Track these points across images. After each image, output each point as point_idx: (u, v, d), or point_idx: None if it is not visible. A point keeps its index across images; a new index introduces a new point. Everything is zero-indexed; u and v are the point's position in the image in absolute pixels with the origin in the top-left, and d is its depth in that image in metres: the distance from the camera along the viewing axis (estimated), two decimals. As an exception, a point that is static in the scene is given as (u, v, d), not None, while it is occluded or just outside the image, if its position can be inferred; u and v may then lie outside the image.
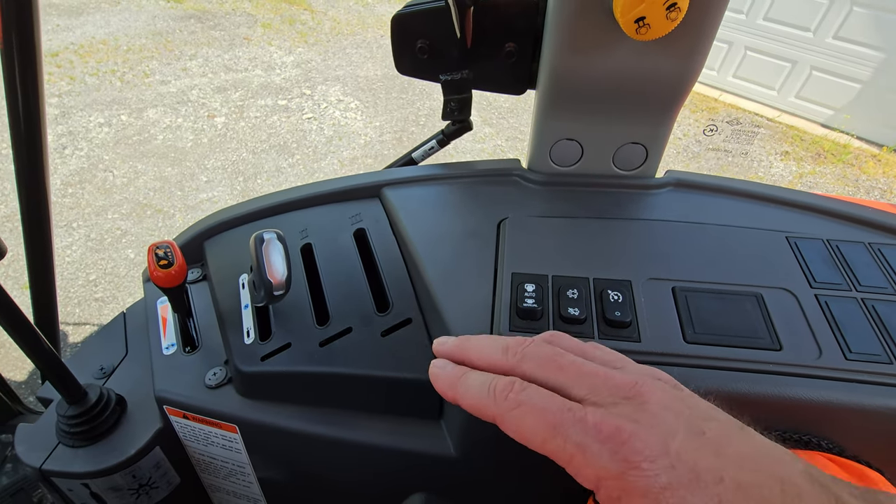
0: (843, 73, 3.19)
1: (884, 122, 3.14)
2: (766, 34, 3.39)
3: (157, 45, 3.98)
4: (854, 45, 3.10)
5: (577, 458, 0.24)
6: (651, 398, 0.25)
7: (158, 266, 0.46)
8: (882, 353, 0.37)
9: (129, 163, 2.80)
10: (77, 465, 0.49)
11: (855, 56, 3.11)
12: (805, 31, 3.24)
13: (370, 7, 4.93)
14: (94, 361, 0.58)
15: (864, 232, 0.49)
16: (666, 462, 0.23)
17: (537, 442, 0.26)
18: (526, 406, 0.26)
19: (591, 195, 0.54)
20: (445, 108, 0.57)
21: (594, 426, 0.24)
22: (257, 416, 0.48)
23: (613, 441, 0.23)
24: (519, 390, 0.27)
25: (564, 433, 0.25)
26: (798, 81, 3.38)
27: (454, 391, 0.30)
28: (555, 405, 0.26)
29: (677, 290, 0.41)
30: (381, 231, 0.55)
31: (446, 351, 0.33)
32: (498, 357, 0.30)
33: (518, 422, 0.26)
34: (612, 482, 0.23)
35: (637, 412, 0.25)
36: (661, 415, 0.24)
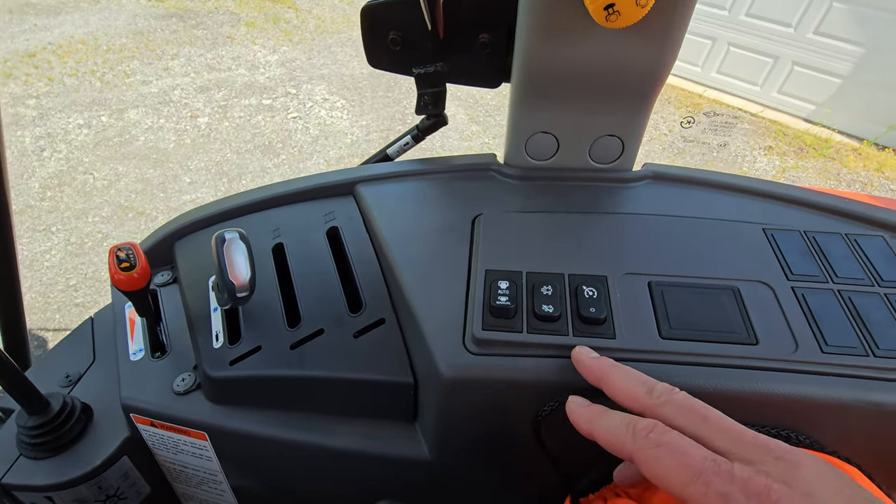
0: (825, 68, 3.22)
1: (864, 116, 3.19)
2: (748, 30, 3.42)
3: (138, 44, 3.91)
4: (834, 40, 3.13)
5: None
6: (804, 465, 0.24)
7: (119, 269, 0.44)
8: (858, 345, 0.36)
9: (110, 165, 2.74)
10: (39, 477, 0.47)
11: (835, 51, 3.15)
12: (787, 26, 3.27)
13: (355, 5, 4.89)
14: (60, 369, 0.55)
15: (841, 223, 0.49)
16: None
17: (676, 486, 0.25)
18: (667, 448, 0.26)
19: (568, 189, 0.53)
20: (419, 103, 0.56)
21: (741, 480, 0.23)
22: (227, 423, 0.47)
23: (761, 499, 0.23)
24: (661, 432, 0.27)
25: (707, 481, 0.24)
26: (780, 77, 3.41)
27: (591, 426, 0.30)
28: (698, 452, 0.25)
29: (653, 285, 0.41)
30: (355, 229, 0.53)
31: (587, 366, 0.34)
32: (640, 393, 0.30)
33: (657, 462, 0.26)
34: None
35: (788, 475, 0.24)
36: (815, 485, 0.23)
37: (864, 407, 0.35)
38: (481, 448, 0.43)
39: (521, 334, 0.37)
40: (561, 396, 0.36)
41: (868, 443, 0.36)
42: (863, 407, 0.35)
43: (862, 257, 0.43)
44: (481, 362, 0.37)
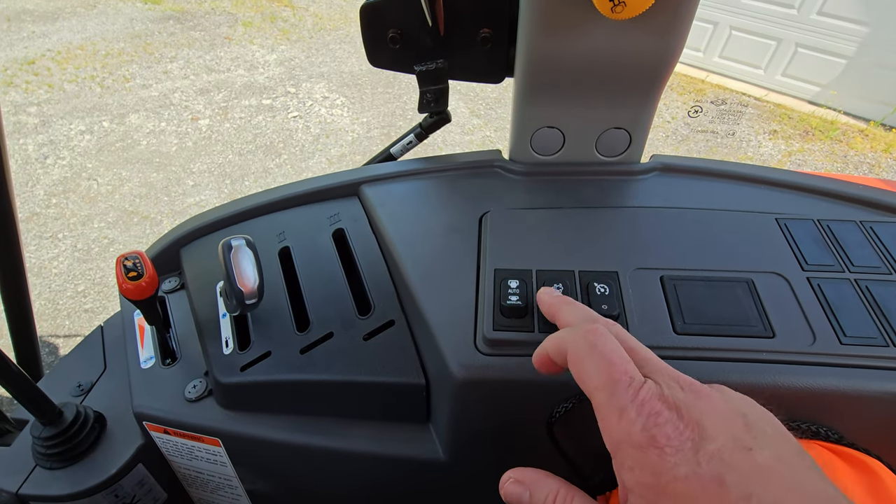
0: (829, 49, 3.17)
1: (870, 96, 3.14)
2: (750, 12, 3.37)
3: (136, 48, 3.91)
4: (838, 20, 3.08)
5: (612, 419, 0.25)
6: (707, 397, 0.25)
7: (127, 278, 0.44)
8: (878, 335, 0.36)
9: (114, 170, 2.75)
10: (56, 487, 0.47)
11: (839, 31, 3.10)
12: (789, 7, 3.22)
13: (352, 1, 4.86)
14: (71, 378, 0.56)
15: (856, 210, 0.48)
16: (691, 457, 0.22)
17: (589, 386, 0.27)
18: (597, 351, 0.27)
19: (575, 184, 0.52)
20: (422, 101, 0.55)
21: (641, 399, 0.25)
22: (240, 429, 0.47)
23: (650, 418, 0.24)
24: (600, 335, 0.28)
25: (614, 390, 0.25)
26: (784, 59, 3.37)
27: (554, 310, 0.33)
28: (622, 364, 0.26)
29: (665, 280, 0.40)
30: (361, 231, 0.53)
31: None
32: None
33: (583, 360, 0.27)
34: (630, 451, 0.24)
35: (685, 403, 0.25)
36: (709, 414, 0.24)
37: (884, 398, 0.34)
38: (495, 448, 0.42)
39: (532, 334, 0.37)
40: (575, 396, 0.36)
41: (889, 434, 0.36)
42: (883, 398, 0.34)
43: (878, 245, 0.42)
44: (493, 363, 0.37)
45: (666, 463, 0.22)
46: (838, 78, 3.21)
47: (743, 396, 0.26)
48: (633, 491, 0.23)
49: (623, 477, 0.24)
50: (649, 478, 0.23)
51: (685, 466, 0.22)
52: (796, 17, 3.21)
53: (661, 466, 0.22)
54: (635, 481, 0.23)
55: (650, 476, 0.23)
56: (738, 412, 0.25)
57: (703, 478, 0.22)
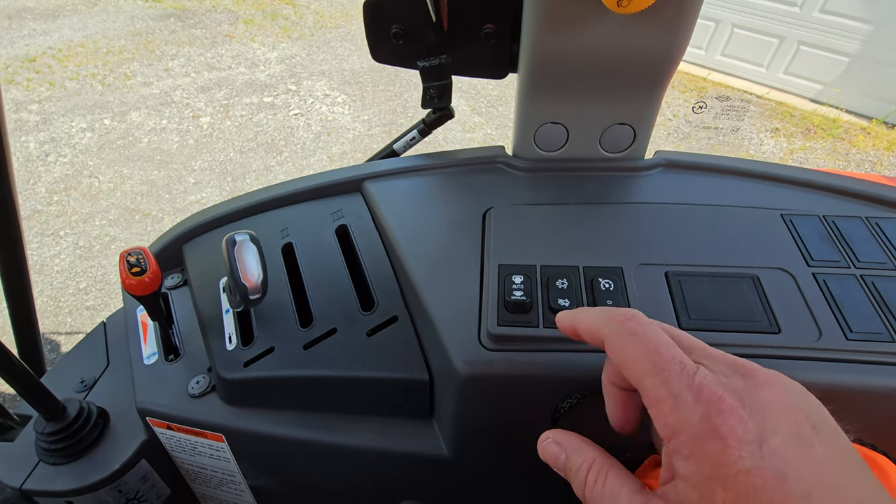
0: (831, 47, 3.16)
1: (872, 94, 3.13)
2: (753, 10, 3.36)
3: (137, 46, 3.91)
4: (841, 17, 3.07)
5: (666, 405, 0.24)
6: (768, 386, 0.24)
7: (131, 274, 0.44)
8: (884, 331, 0.35)
9: (115, 167, 2.75)
10: (59, 482, 0.47)
11: (842, 29, 3.08)
12: (791, 5, 3.21)
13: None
14: (75, 374, 0.56)
15: (861, 206, 0.48)
16: (755, 451, 0.21)
17: (634, 374, 0.25)
18: (640, 338, 0.26)
19: (579, 180, 0.52)
20: (425, 97, 0.55)
21: (698, 385, 0.23)
22: (243, 424, 0.47)
23: (710, 406, 0.23)
24: (639, 322, 0.26)
25: (666, 377, 0.24)
26: (786, 57, 3.35)
27: (573, 322, 0.30)
28: (668, 351, 0.25)
29: (670, 275, 0.40)
30: (364, 227, 0.53)
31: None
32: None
33: (624, 349, 0.26)
34: (688, 440, 0.23)
35: (747, 392, 0.23)
36: (770, 406, 0.23)
37: (890, 393, 0.34)
38: (500, 443, 0.42)
39: (537, 329, 0.37)
40: (580, 391, 0.36)
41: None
42: (890, 393, 0.34)
43: (884, 240, 0.42)
44: (497, 358, 0.37)
45: (729, 456, 0.21)
46: (841, 76, 3.20)
47: (799, 386, 0.25)
48: (688, 480, 0.22)
49: (676, 464, 0.23)
50: (708, 469, 0.22)
51: (748, 460, 0.21)
52: (799, 14, 3.20)
53: (724, 459, 0.22)
54: (691, 471, 0.22)
55: (709, 467, 0.22)
56: (798, 404, 0.24)
57: (765, 473, 0.21)
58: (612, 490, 0.25)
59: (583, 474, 0.27)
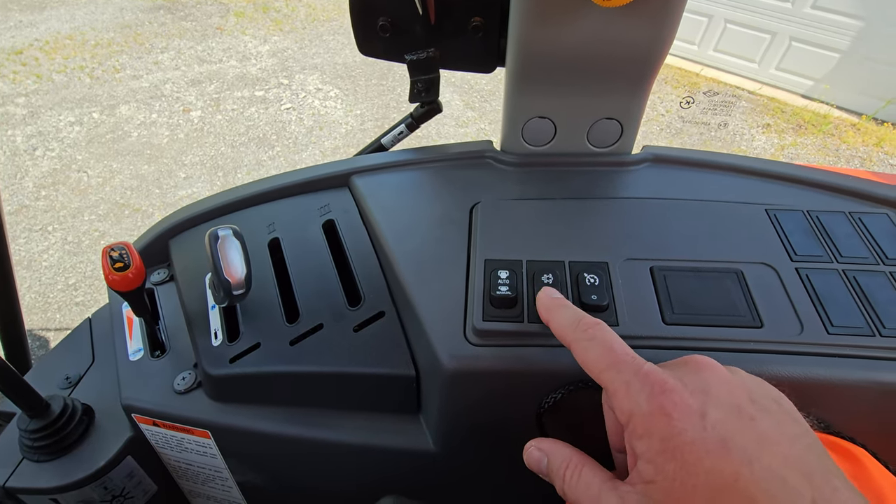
0: (822, 43, 3.18)
1: (862, 90, 3.15)
2: (745, 6, 3.36)
3: (126, 38, 3.85)
4: (832, 14, 3.08)
5: (620, 393, 0.26)
6: (707, 370, 0.27)
7: (114, 269, 0.44)
8: (864, 325, 0.36)
9: (104, 162, 2.72)
10: (43, 480, 0.47)
11: (833, 25, 3.10)
12: (784, 1, 3.22)
13: (345, -8, 4.80)
14: (59, 371, 0.55)
15: (845, 201, 0.48)
16: (698, 422, 0.24)
17: (595, 371, 0.29)
18: (598, 341, 0.29)
19: (566, 175, 0.52)
20: (412, 90, 0.55)
21: (644, 373, 0.26)
22: (229, 420, 0.46)
23: (655, 387, 0.25)
24: (600, 329, 0.30)
25: (619, 368, 0.27)
26: (778, 53, 3.37)
27: (548, 314, 0.34)
28: (622, 349, 0.28)
29: (655, 270, 0.40)
30: (351, 221, 0.53)
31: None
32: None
33: (586, 351, 0.29)
34: (640, 420, 0.25)
35: (688, 375, 0.26)
36: (710, 385, 0.26)
37: (870, 387, 0.34)
38: (486, 438, 0.42)
39: (522, 324, 0.37)
40: (564, 387, 0.36)
41: (875, 423, 0.36)
42: (870, 387, 0.34)
43: (866, 236, 0.42)
44: (483, 353, 0.37)
45: (673, 428, 0.24)
46: (831, 72, 3.22)
47: (754, 377, 0.28)
48: (643, 457, 0.24)
49: (633, 445, 0.25)
50: (657, 443, 0.24)
51: (692, 431, 0.23)
52: (791, 10, 3.21)
53: (669, 431, 0.24)
54: (644, 447, 0.24)
55: (658, 441, 0.24)
56: (742, 385, 0.26)
57: (707, 441, 0.23)
58: (586, 481, 0.27)
59: (561, 472, 0.29)
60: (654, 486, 0.24)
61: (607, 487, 0.26)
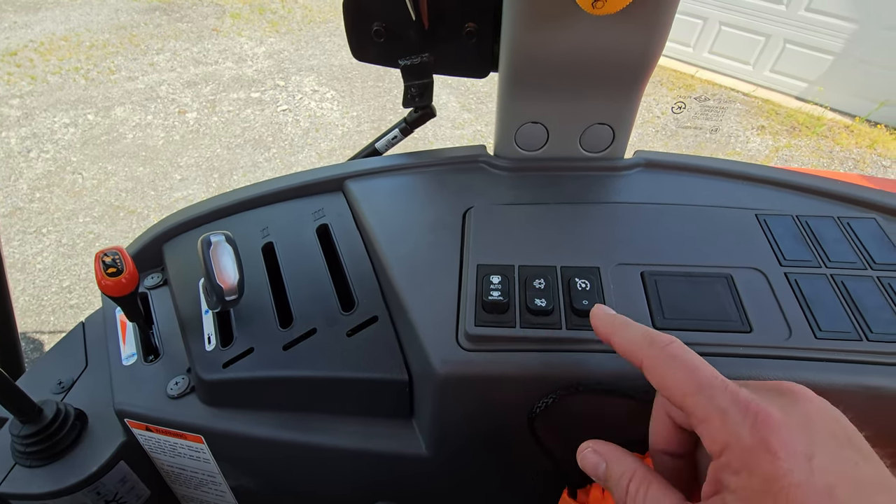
0: (816, 46, 3.20)
1: (856, 92, 3.17)
2: (740, 8, 3.38)
3: (122, 39, 3.84)
4: (826, 16, 3.10)
5: (714, 421, 0.24)
6: (807, 402, 0.25)
7: (106, 274, 0.44)
8: (852, 329, 0.36)
9: (99, 164, 2.71)
10: (36, 485, 0.47)
11: (827, 28, 3.12)
12: (778, 3, 3.24)
13: (342, -7, 4.80)
14: (52, 376, 0.55)
15: (834, 206, 0.48)
16: (804, 465, 0.22)
17: (678, 395, 0.26)
18: (680, 361, 0.26)
19: (559, 179, 0.52)
20: (406, 95, 0.55)
21: (744, 400, 0.24)
22: (223, 425, 0.46)
23: (758, 420, 0.23)
24: (678, 346, 0.27)
25: (711, 394, 0.25)
26: (772, 55, 3.39)
27: (610, 333, 0.31)
28: (709, 370, 0.26)
29: (646, 275, 0.40)
30: (345, 226, 0.53)
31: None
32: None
33: (665, 371, 0.27)
34: (739, 453, 0.23)
35: (789, 406, 0.24)
36: (814, 422, 0.24)
37: (858, 391, 0.35)
38: (478, 443, 0.43)
39: (514, 329, 0.37)
40: (556, 392, 0.36)
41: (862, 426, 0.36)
42: (857, 391, 0.35)
43: (854, 240, 0.43)
44: (475, 358, 0.37)
45: (779, 469, 0.22)
46: (825, 74, 3.24)
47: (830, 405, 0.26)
48: (737, 493, 0.23)
49: (725, 478, 0.23)
50: (758, 482, 0.22)
51: (798, 474, 0.22)
52: (785, 13, 3.23)
53: (775, 472, 0.22)
54: (742, 484, 0.23)
55: (760, 480, 0.22)
56: (837, 421, 0.25)
57: (815, 487, 0.21)
58: (655, 499, 0.26)
59: (624, 483, 0.27)
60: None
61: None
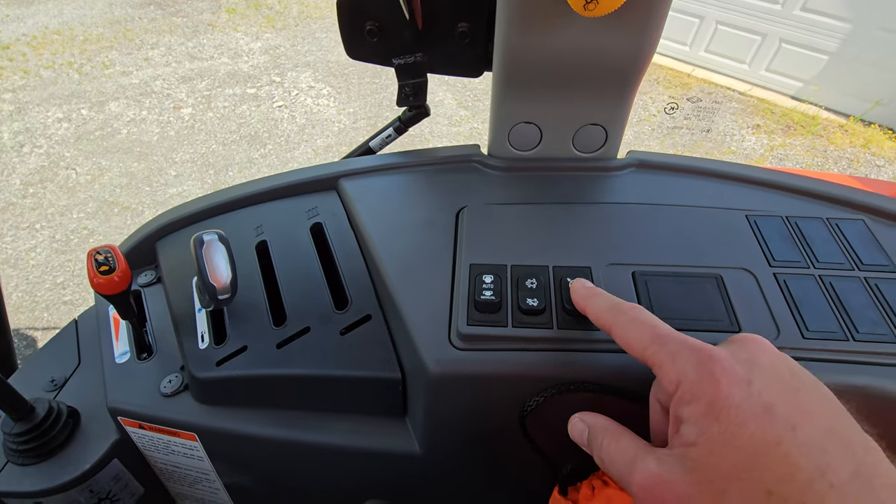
0: (812, 45, 3.21)
1: (851, 92, 3.19)
2: (736, 7, 3.39)
3: (116, 34, 3.82)
4: (821, 16, 3.12)
5: (667, 364, 0.27)
6: (752, 343, 0.28)
7: (99, 272, 0.43)
8: (839, 330, 0.37)
9: (93, 159, 2.69)
10: (28, 483, 0.47)
11: (823, 27, 3.13)
12: (774, 3, 3.25)
13: (338, -11, 4.78)
14: (45, 373, 0.55)
15: (823, 206, 0.49)
16: (745, 388, 0.25)
17: (637, 347, 0.29)
18: (639, 321, 0.30)
19: (552, 180, 0.52)
20: (400, 94, 0.55)
21: (691, 343, 0.27)
22: (216, 423, 0.47)
23: (702, 356, 0.26)
24: (641, 311, 0.31)
25: (662, 342, 0.28)
26: (768, 54, 3.40)
27: (584, 302, 0.35)
28: (664, 327, 0.29)
29: (637, 275, 0.41)
30: (339, 225, 0.53)
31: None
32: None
33: (626, 331, 0.30)
34: (689, 387, 0.26)
35: (736, 348, 0.27)
36: (756, 356, 0.27)
37: (844, 391, 0.35)
38: (471, 441, 0.43)
39: (506, 328, 0.37)
40: (547, 390, 0.36)
41: None
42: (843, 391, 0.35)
43: (843, 241, 0.43)
44: (467, 357, 0.38)
45: (720, 392, 0.24)
46: (820, 73, 3.25)
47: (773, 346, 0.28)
48: (687, 420, 0.25)
49: (679, 412, 0.26)
50: (704, 407, 0.25)
51: (739, 396, 0.24)
52: (781, 12, 3.24)
53: (716, 395, 0.24)
54: (690, 412, 0.25)
55: (705, 405, 0.25)
56: (785, 360, 0.27)
57: (753, 406, 0.24)
58: (623, 447, 0.28)
59: (598, 440, 0.30)
60: (695, 448, 0.24)
61: (645, 451, 0.27)
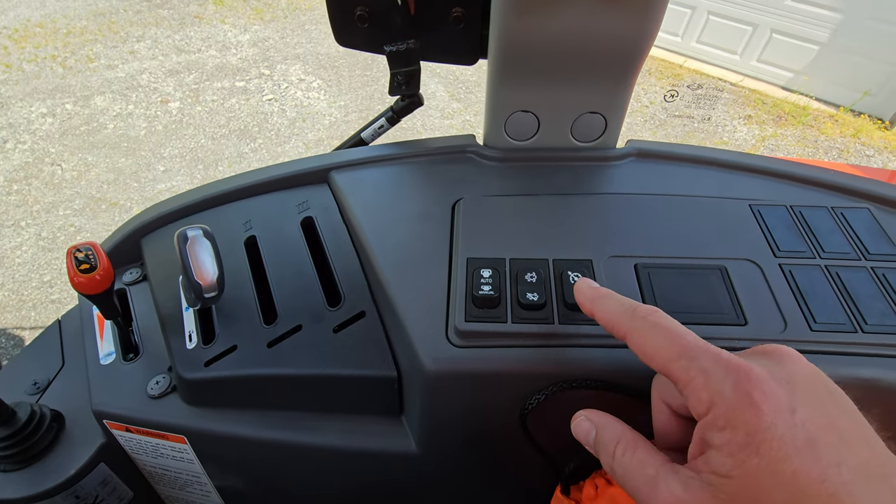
0: (802, 35, 3.22)
1: (841, 82, 3.20)
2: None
3: (100, 26, 3.73)
4: (812, 6, 3.12)
5: (697, 381, 0.24)
6: (789, 360, 0.25)
7: (79, 271, 0.42)
8: (847, 321, 0.36)
9: (79, 155, 2.64)
10: (10, 490, 0.45)
11: (813, 18, 3.14)
12: (765, -7, 3.25)
13: (327, -20, 4.71)
14: (27, 376, 0.53)
15: (827, 195, 0.48)
16: (788, 418, 0.22)
17: (660, 360, 0.26)
18: (661, 328, 0.26)
19: (550, 170, 0.51)
20: (392, 83, 0.53)
21: (726, 360, 0.24)
22: (206, 425, 0.45)
23: (741, 376, 0.23)
24: (661, 315, 0.27)
25: (692, 357, 0.25)
26: (759, 45, 3.40)
27: (592, 305, 0.31)
28: (692, 337, 0.26)
29: (640, 267, 0.40)
30: (331, 219, 0.51)
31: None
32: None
33: (647, 339, 0.27)
34: (723, 410, 0.23)
35: (773, 366, 0.24)
36: (797, 378, 0.24)
37: (853, 383, 0.34)
38: (469, 440, 0.42)
39: (505, 324, 0.36)
40: (548, 388, 0.35)
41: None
42: (852, 384, 0.34)
43: (848, 231, 0.42)
44: (465, 354, 0.36)
45: (762, 422, 0.22)
46: (811, 64, 3.26)
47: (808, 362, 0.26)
48: (722, 449, 0.23)
49: (710, 436, 0.23)
50: (742, 436, 0.22)
51: (782, 426, 0.22)
52: (772, 2, 3.24)
53: (758, 426, 0.22)
54: (726, 440, 0.23)
55: (743, 435, 0.22)
56: (819, 378, 0.25)
57: (797, 440, 0.22)
58: (641, 460, 0.26)
59: (611, 448, 0.27)
60: (729, 482, 0.22)
61: (667, 470, 0.25)
